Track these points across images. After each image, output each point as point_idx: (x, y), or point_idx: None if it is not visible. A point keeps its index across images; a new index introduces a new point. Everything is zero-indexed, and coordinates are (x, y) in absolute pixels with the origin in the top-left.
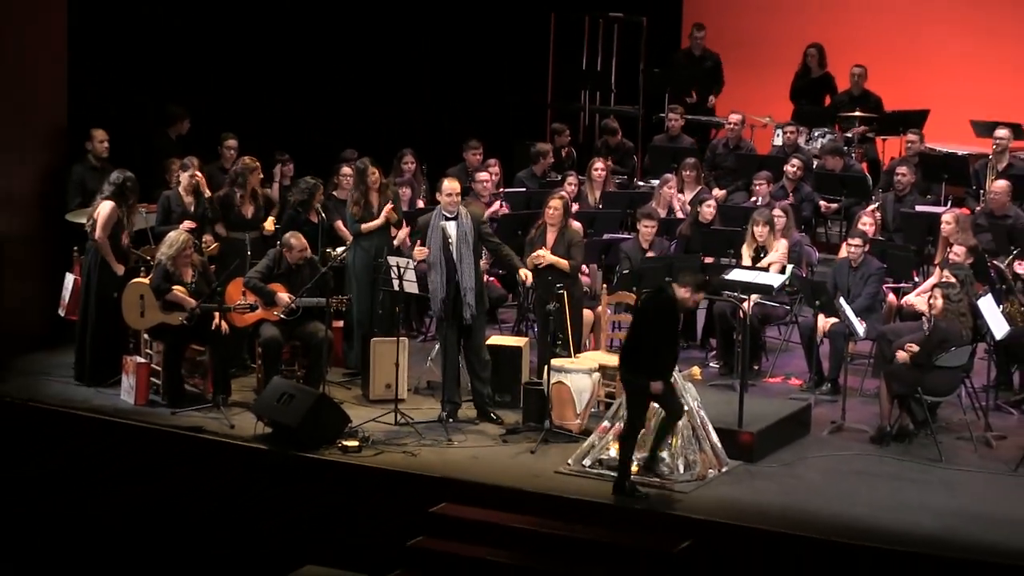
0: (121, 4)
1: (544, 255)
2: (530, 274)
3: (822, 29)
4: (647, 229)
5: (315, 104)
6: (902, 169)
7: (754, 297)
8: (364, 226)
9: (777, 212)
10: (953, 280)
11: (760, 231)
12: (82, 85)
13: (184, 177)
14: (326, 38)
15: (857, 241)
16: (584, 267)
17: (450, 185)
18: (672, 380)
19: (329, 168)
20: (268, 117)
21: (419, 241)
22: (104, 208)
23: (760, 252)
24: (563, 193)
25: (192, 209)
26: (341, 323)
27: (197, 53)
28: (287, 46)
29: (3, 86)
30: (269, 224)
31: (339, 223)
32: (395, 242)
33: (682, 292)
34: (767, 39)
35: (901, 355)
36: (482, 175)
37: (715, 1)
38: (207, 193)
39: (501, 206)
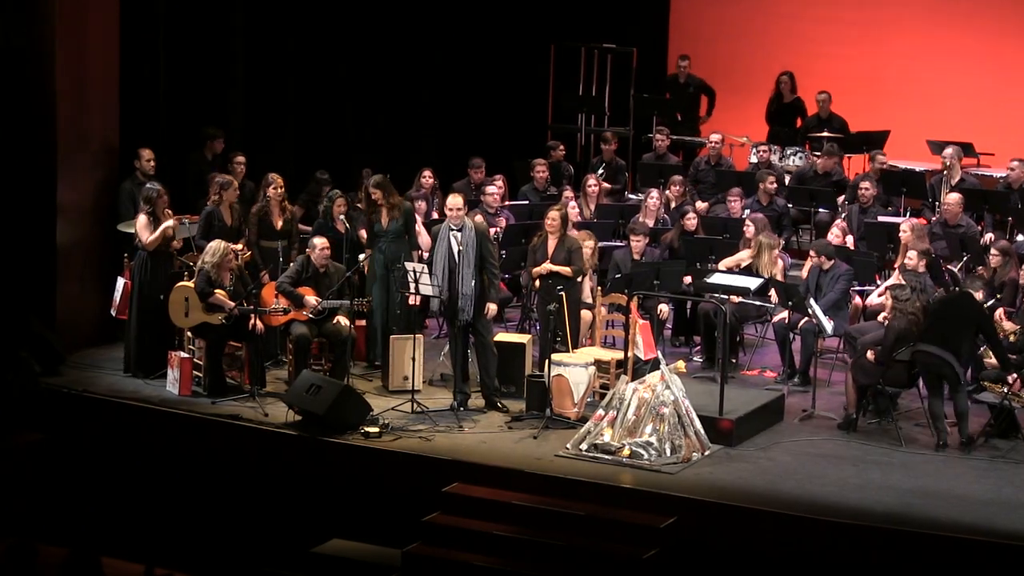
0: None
1: (547, 267)
2: (494, 308)
3: (793, 58)
4: (637, 243)
5: (338, 127)
6: (865, 184)
7: (733, 298)
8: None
9: (747, 223)
10: (903, 283)
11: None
12: (131, 109)
13: (227, 194)
14: (353, 69)
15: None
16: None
17: (452, 201)
18: (660, 372)
19: (353, 183)
20: (297, 137)
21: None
22: (138, 222)
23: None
24: (563, 204)
25: (229, 223)
26: (363, 322)
27: (229, 79)
28: (316, 73)
29: (66, 114)
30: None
31: (362, 232)
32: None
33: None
34: (744, 67)
35: (870, 355)
36: (491, 188)
37: (698, 33)
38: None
39: (504, 220)
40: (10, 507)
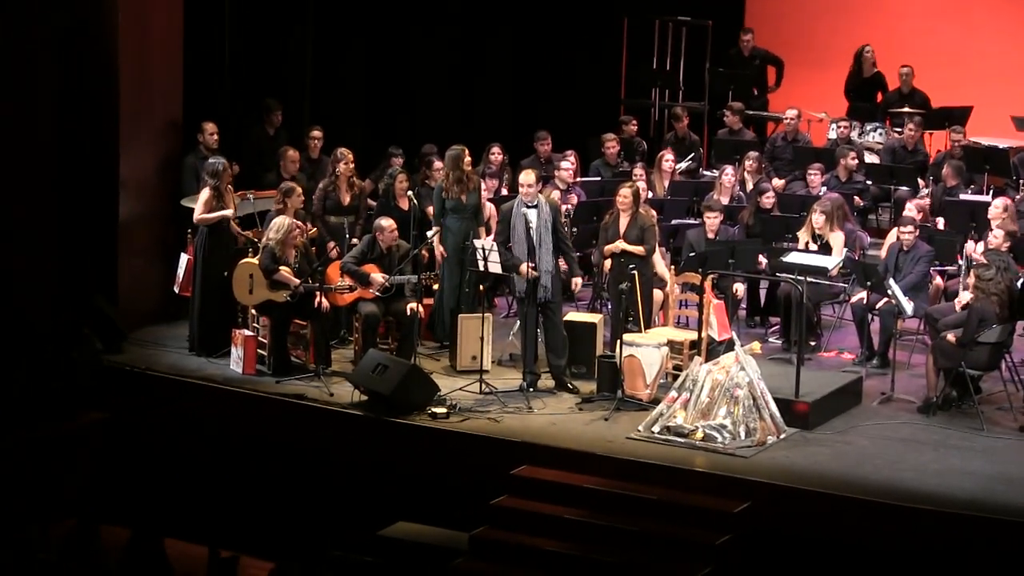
0: (227, 8)
1: (620, 245)
2: (579, 282)
3: (873, 31)
4: (712, 220)
5: (405, 101)
6: (947, 168)
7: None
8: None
9: (831, 199)
10: (987, 263)
11: (817, 220)
12: (195, 82)
13: (291, 201)
14: (424, 44)
15: (909, 228)
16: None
17: (526, 177)
18: (735, 353)
19: (418, 159)
20: (368, 113)
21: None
22: (201, 197)
23: (817, 240)
24: (633, 182)
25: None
26: (431, 300)
27: (297, 51)
28: (386, 49)
29: (129, 87)
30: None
31: (429, 209)
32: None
33: None
34: (821, 40)
35: (951, 336)
36: (566, 164)
37: (774, 6)
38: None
39: (575, 197)
40: (73, 488)
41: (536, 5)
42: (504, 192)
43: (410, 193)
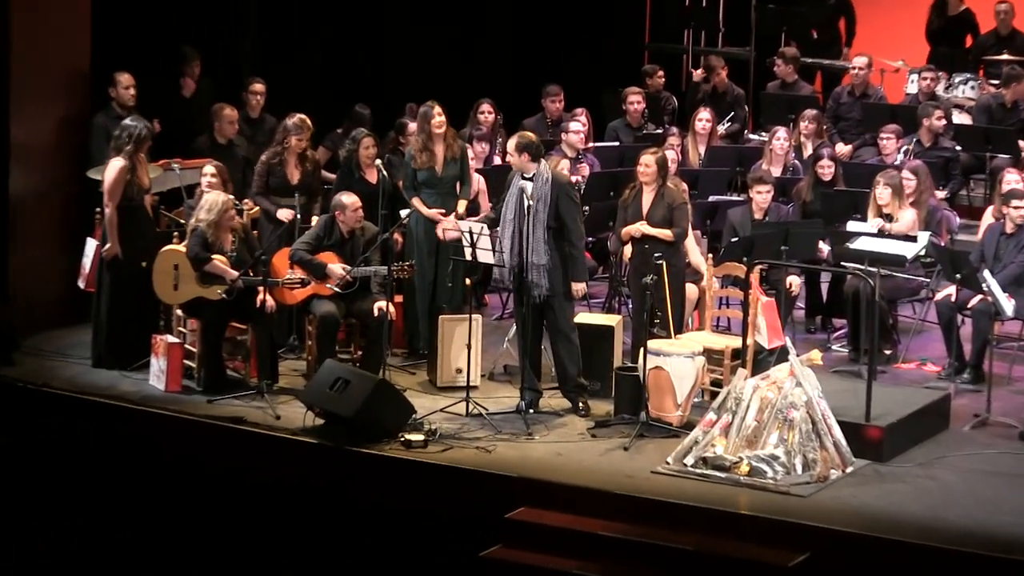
0: None
1: (641, 228)
2: (582, 288)
3: None
4: (761, 196)
5: (369, 48)
6: None
7: (884, 270)
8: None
9: (906, 174)
10: None
11: (882, 195)
12: (105, 25)
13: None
14: None
15: (1018, 204)
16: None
17: (509, 143)
18: (789, 365)
19: (390, 123)
20: (313, 65)
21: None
22: (111, 169)
23: (886, 220)
24: (660, 148)
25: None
26: (402, 298)
27: None
28: None
29: (22, 31)
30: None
31: (400, 183)
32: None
33: None
34: None
35: None
36: (575, 126)
37: None
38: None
39: (586, 167)
40: None
41: None
42: (497, 161)
43: (379, 162)
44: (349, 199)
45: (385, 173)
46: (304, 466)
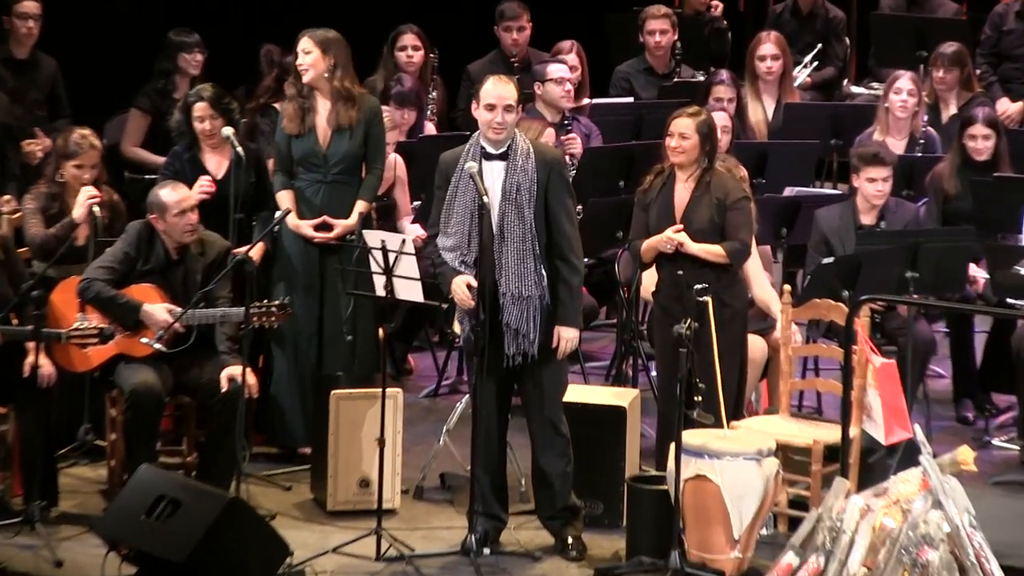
0: None
1: (674, 239)
2: (572, 337)
3: None
4: (874, 187)
5: None
6: None
7: None
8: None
9: None
10: None
11: None
12: None
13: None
14: None
15: None
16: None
17: (499, 90)
18: (920, 471)
19: (251, 75)
20: None
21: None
22: None
23: None
24: (701, 107)
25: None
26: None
27: None
28: None
29: None
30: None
31: (270, 163)
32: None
33: None
34: None
35: None
36: (558, 70)
37: None
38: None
39: (578, 138)
40: None
41: None
42: (431, 130)
43: (229, 132)
44: (173, 194)
45: (239, 150)
46: None
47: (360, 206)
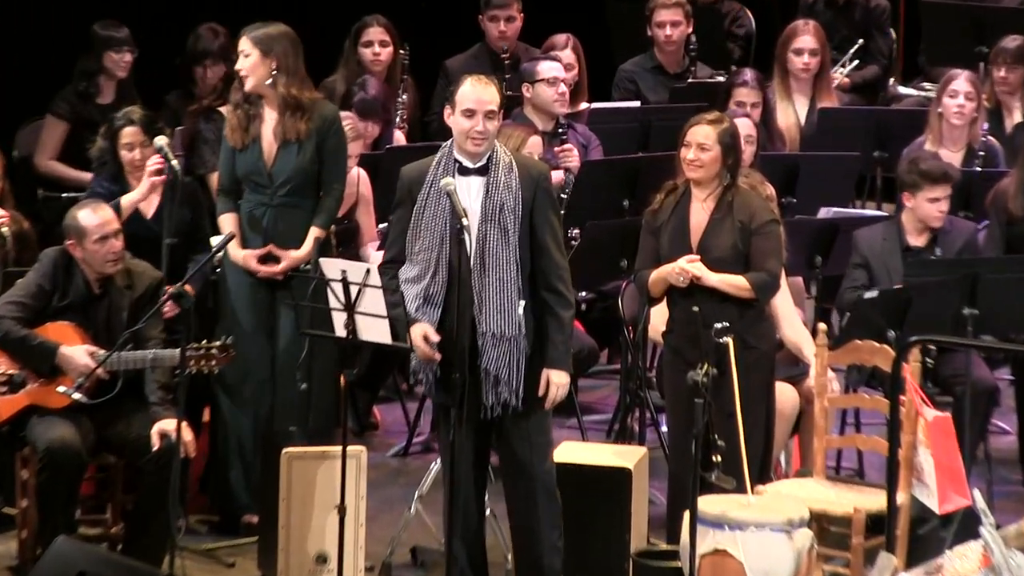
0: None
1: (689, 270)
2: (562, 384)
3: None
4: (927, 206)
5: None
6: None
7: None
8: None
9: None
10: None
11: None
12: None
13: None
14: None
15: None
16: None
17: (478, 93)
18: (980, 544)
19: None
20: None
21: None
22: None
23: None
24: (722, 113)
25: None
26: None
27: None
28: None
29: None
30: None
31: (213, 177)
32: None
33: None
34: None
35: None
36: (551, 68)
37: None
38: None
39: (574, 151)
40: None
41: None
42: (400, 139)
43: (163, 143)
44: (94, 216)
45: (175, 163)
46: None
47: (314, 232)
